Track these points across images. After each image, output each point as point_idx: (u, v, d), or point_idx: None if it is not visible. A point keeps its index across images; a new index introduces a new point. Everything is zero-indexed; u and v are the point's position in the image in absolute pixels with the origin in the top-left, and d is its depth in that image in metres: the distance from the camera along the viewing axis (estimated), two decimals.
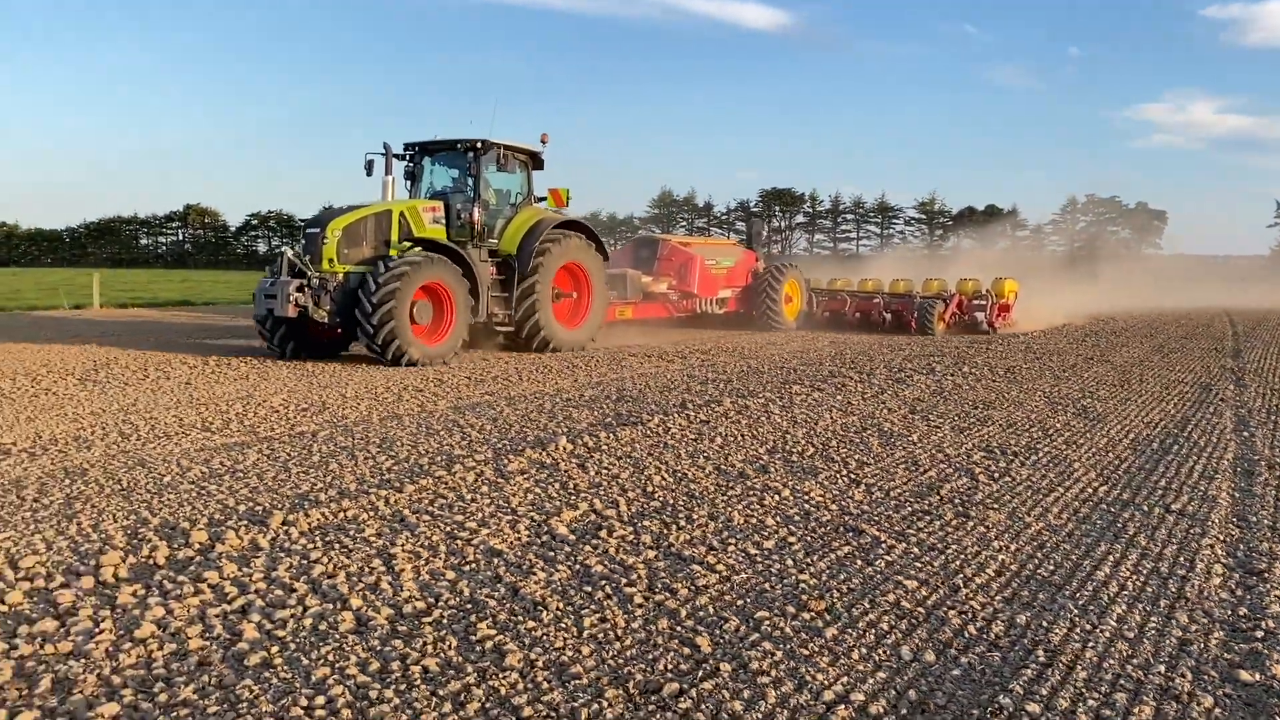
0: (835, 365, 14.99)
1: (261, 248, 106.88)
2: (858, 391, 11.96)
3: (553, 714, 3.51)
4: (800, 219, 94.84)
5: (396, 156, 16.51)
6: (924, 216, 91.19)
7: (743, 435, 8.94)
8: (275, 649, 4.07)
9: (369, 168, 16.30)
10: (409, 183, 16.87)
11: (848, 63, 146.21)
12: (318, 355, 15.32)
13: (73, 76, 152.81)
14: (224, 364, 14.31)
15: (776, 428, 9.35)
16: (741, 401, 10.86)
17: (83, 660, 3.96)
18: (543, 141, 17.03)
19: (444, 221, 15.65)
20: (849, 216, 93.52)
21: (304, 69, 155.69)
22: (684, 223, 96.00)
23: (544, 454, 7.94)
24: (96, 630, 4.26)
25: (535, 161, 17.13)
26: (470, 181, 16.10)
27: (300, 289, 14.02)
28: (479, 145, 15.94)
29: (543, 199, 17.33)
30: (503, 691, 3.68)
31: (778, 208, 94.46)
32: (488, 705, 3.58)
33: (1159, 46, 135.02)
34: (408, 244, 15.02)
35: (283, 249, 14.73)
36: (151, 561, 5.22)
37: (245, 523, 5.92)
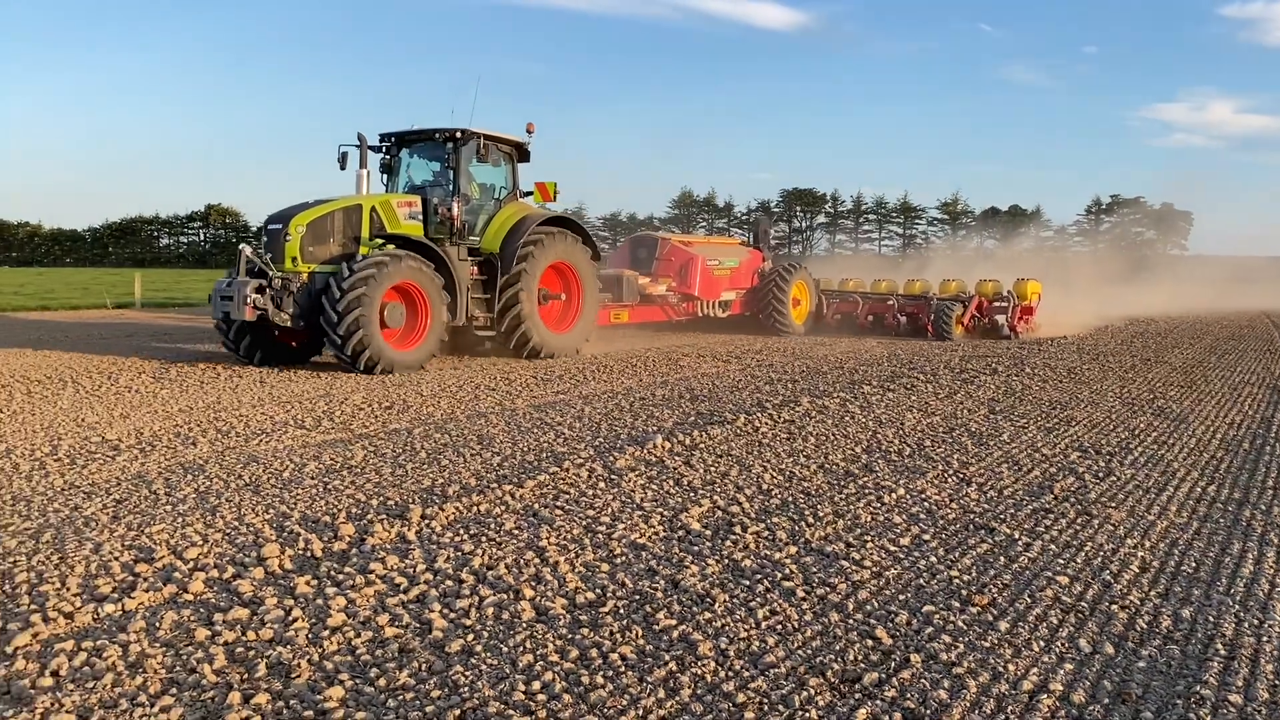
0: (895, 366, 15.07)
1: None
2: (929, 392, 12.04)
3: (765, 700, 3.63)
4: (822, 219, 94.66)
5: (372, 148, 15.31)
6: (946, 217, 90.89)
7: (833, 434, 9.04)
8: (469, 637, 4.20)
9: (343, 160, 15.15)
10: (385, 176, 15.73)
11: (862, 62, 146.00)
12: (283, 362, 14.26)
13: (94, 76, 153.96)
14: (293, 362, 14.47)
15: (864, 427, 9.45)
16: (819, 402, 10.96)
17: (288, 646, 4.10)
18: (528, 131, 15.85)
19: (421, 217, 14.62)
20: (871, 217, 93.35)
21: (325, 68, 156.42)
22: (704, 223, 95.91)
23: (645, 452, 8.06)
24: (289, 618, 4.40)
25: (520, 153, 15.94)
26: (449, 174, 14.98)
27: (259, 290, 12.99)
28: (458, 135, 14.76)
29: (529, 194, 16.13)
30: (709, 679, 3.80)
31: (799, 208, 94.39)
32: (698, 691, 3.70)
33: (1176, 45, 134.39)
34: (380, 241, 13.96)
35: (241, 246, 13.61)
36: (309, 554, 5.37)
37: (384, 516, 6.07)
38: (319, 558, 5.32)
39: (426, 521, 5.98)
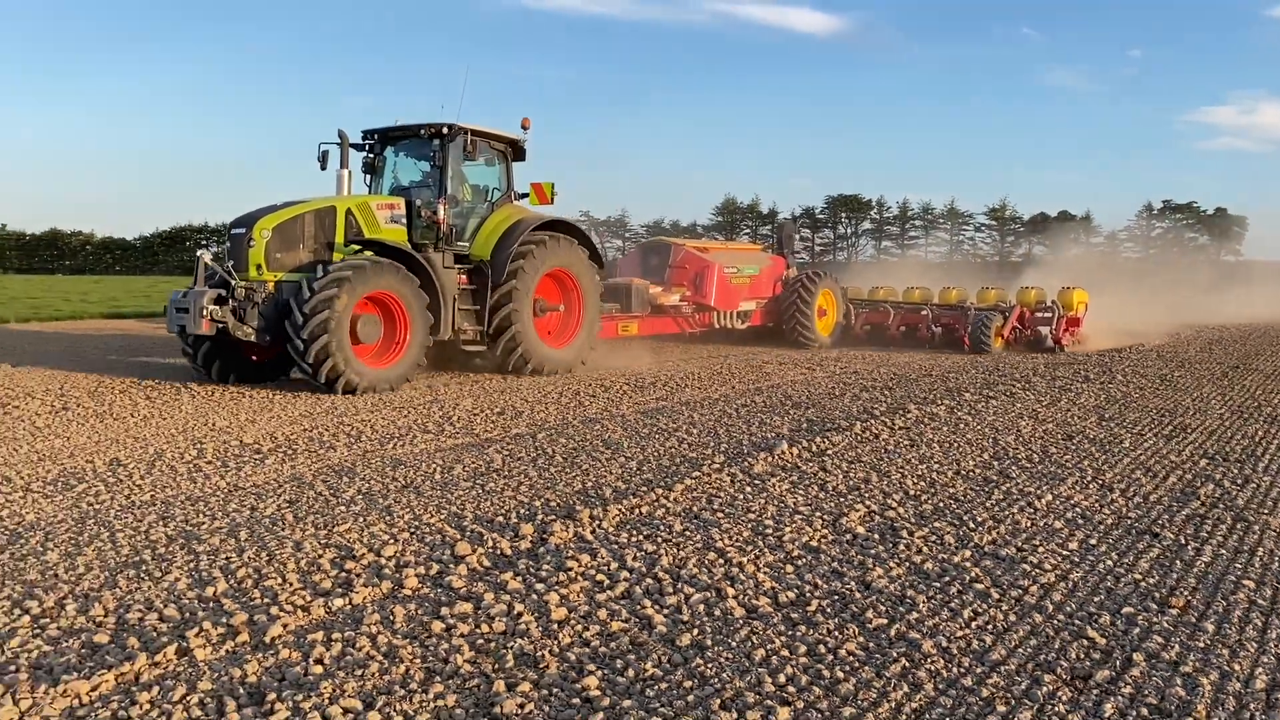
0: (988, 374, 15.10)
1: None
2: (1031, 399, 12.09)
3: (1008, 694, 3.77)
4: (867, 225, 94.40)
5: (354, 146, 14.07)
6: (994, 223, 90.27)
7: (955, 441, 9.14)
8: (694, 632, 4.38)
9: (323, 159, 13.78)
10: (368, 176, 14.52)
11: (902, 67, 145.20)
12: (252, 379, 12.94)
13: (143, 87, 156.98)
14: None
15: (981, 434, 9.54)
16: (926, 409, 11.05)
17: (525, 639, 4.30)
18: (524, 127, 14.55)
19: (404, 221, 13.38)
20: (917, 223, 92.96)
21: (372, 78, 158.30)
22: (748, 230, 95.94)
23: (775, 457, 8.22)
24: (513, 612, 4.60)
25: (516, 151, 14.68)
26: (436, 174, 13.71)
27: (219, 301, 11.77)
28: (445, 131, 13.51)
29: (524, 195, 14.80)
30: (944, 674, 3.95)
31: (844, 214, 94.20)
32: (939, 685, 3.85)
33: (1223, 48, 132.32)
34: (355, 247, 12.69)
35: (199, 253, 12.31)
36: (499, 551, 5.58)
37: (553, 517, 6.28)
38: (509, 556, 5.53)
39: (596, 523, 6.18)
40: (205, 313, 11.60)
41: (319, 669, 3.98)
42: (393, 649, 4.19)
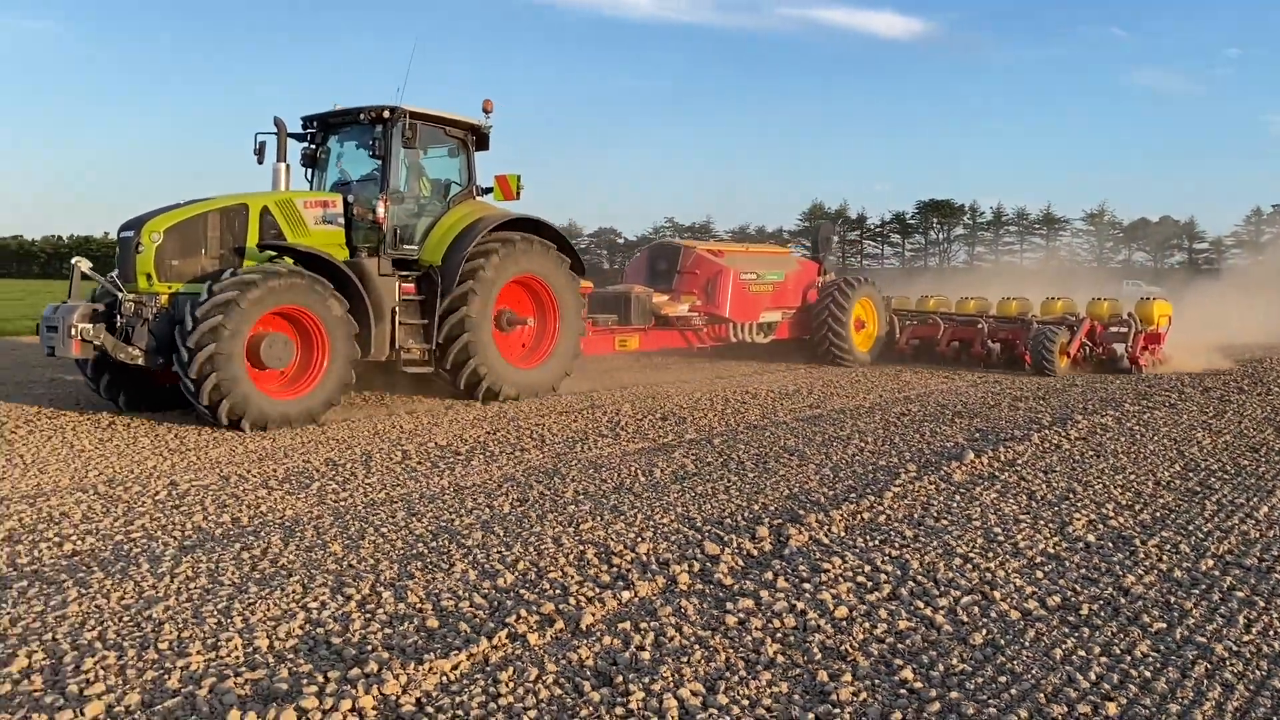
0: (1122, 386, 14.94)
1: None
2: (1195, 410, 11.98)
3: None
4: (960, 231, 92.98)
5: (293, 136, 12.23)
6: (1092, 228, 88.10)
7: (1140, 453, 9.16)
8: (984, 633, 4.59)
9: (259, 152, 12.08)
10: (310, 170, 12.61)
11: (988, 70, 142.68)
12: (162, 406, 10.99)
13: (198, 88, 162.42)
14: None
15: (1163, 446, 9.52)
16: (1095, 419, 11.04)
17: (821, 633, 4.56)
18: (485, 111, 12.62)
19: (342, 221, 11.46)
20: (1011, 228, 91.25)
21: (446, 77, 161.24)
22: (835, 234, 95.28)
23: (967, 465, 8.36)
24: (795, 608, 4.86)
25: (479, 140, 12.69)
26: (379, 166, 11.75)
27: (93, 318, 9.98)
28: (386, 115, 11.51)
29: (488, 190, 12.81)
30: (1251, 676, 4.10)
31: (935, 220, 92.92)
32: (1249, 686, 4.00)
33: None
34: (271, 253, 10.83)
35: (75, 260, 10.64)
36: (745, 552, 5.86)
37: (780, 520, 6.54)
38: (758, 557, 5.80)
39: (824, 528, 6.41)
40: (75, 333, 9.78)
41: (645, 655, 4.29)
42: (700, 639, 4.48)
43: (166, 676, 4.04)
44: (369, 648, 4.36)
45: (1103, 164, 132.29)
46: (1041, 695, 3.91)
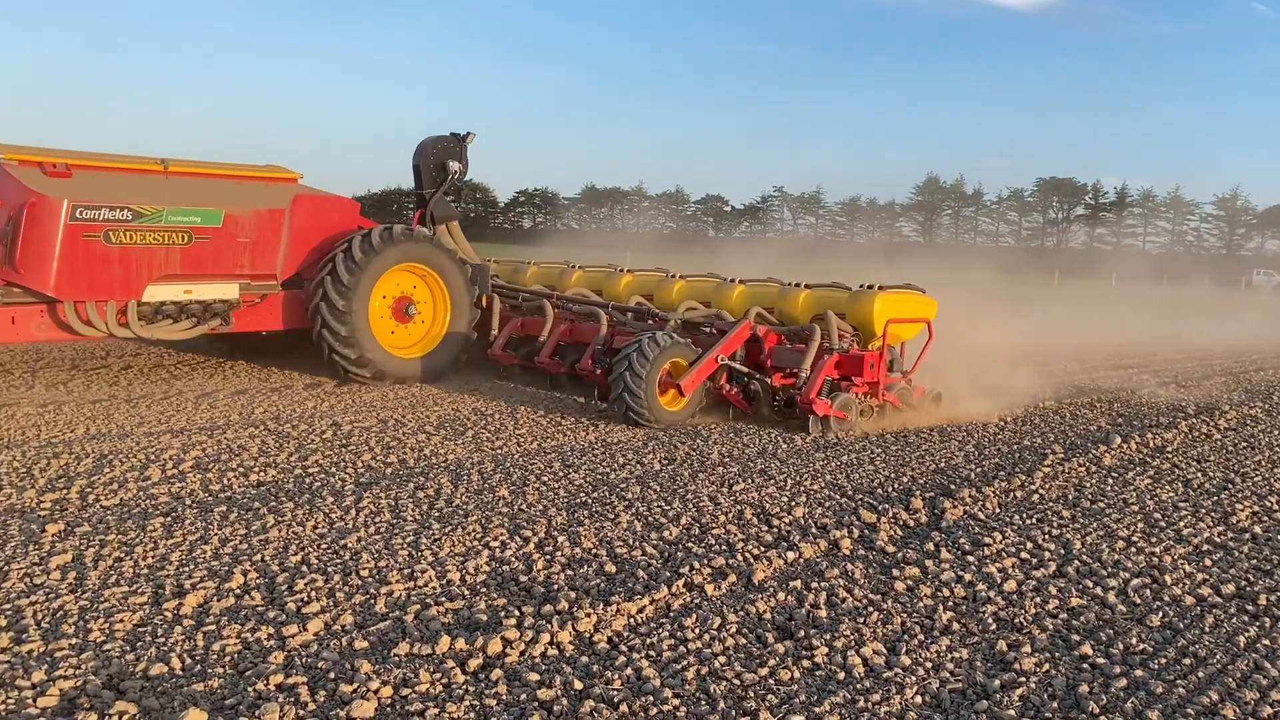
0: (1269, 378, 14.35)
1: (526, 223, 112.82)
2: None
3: None
4: (1080, 211, 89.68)
5: None
6: (1222, 213, 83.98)
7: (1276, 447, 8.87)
8: (1160, 615, 4.57)
9: None
10: None
11: (1117, 44, 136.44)
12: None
13: (364, 51, 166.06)
14: None
15: None
16: (1243, 410, 10.70)
17: (992, 604, 4.60)
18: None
19: None
20: (1136, 210, 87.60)
21: (561, 53, 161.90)
22: (949, 210, 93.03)
23: (1115, 450, 8.21)
24: (964, 579, 4.91)
25: None
26: None
27: None
28: None
29: None
30: None
31: (1055, 199, 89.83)
32: None
33: None
34: None
35: None
36: (901, 522, 5.91)
37: (932, 494, 6.56)
38: (914, 527, 5.86)
39: (979, 503, 6.41)
40: None
41: (822, 613, 4.41)
42: (872, 602, 4.58)
43: (373, 601, 4.33)
44: (555, 587, 4.58)
45: (1238, 146, 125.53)
46: (1230, 680, 3.90)
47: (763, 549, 5.25)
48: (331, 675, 3.59)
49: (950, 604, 4.62)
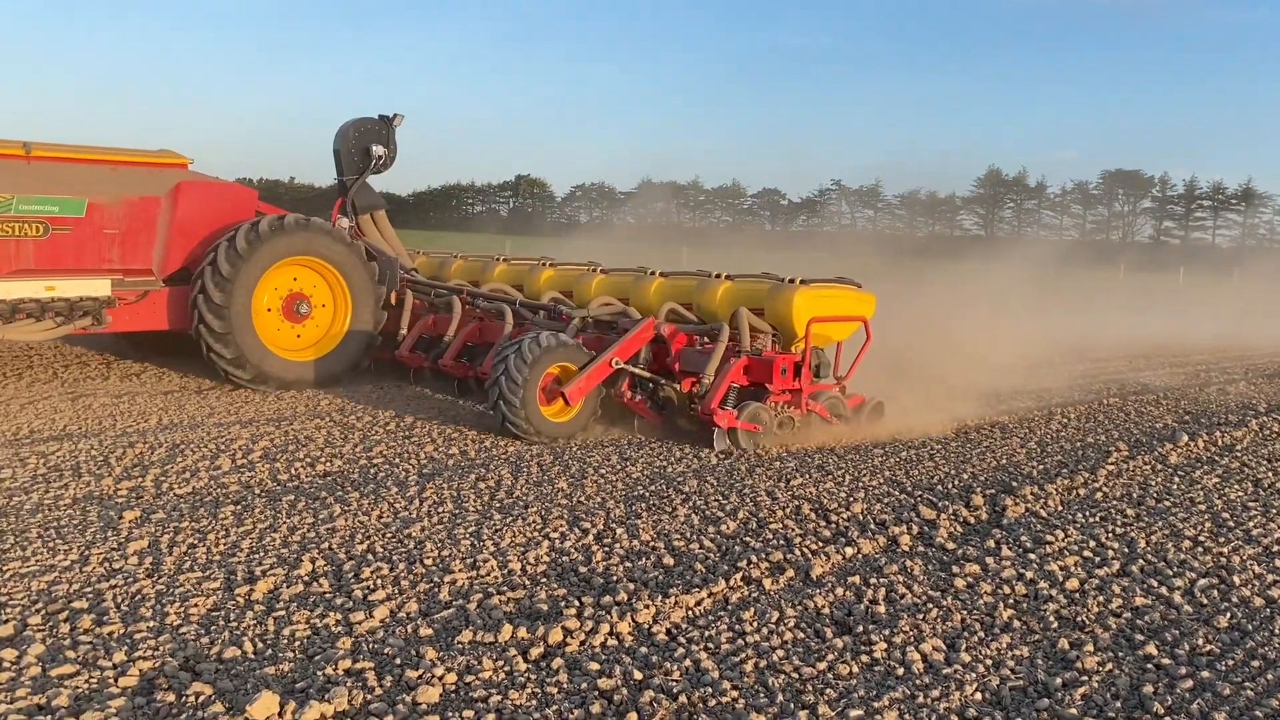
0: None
1: (583, 218, 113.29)
2: None
3: None
4: (1147, 204, 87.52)
5: None
6: None
7: None
8: (1227, 615, 4.49)
9: None
10: None
11: (1186, 32, 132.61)
12: None
13: (424, 49, 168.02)
14: None
15: None
16: (1276, 420, 10.43)
17: (1053, 603, 4.56)
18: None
19: None
20: (1205, 203, 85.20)
21: (614, 47, 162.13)
22: (1011, 204, 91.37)
23: (1182, 448, 8.05)
24: (1024, 577, 4.87)
25: None
26: None
27: None
28: None
29: None
30: None
31: (1120, 191, 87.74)
32: None
33: None
34: None
35: None
36: (963, 519, 5.87)
37: (993, 490, 6.49)
38: (974, 524, 5.81)
39: (1042, 500, 6.34)
40: None
41: (880, 609, 4.40)
42: (931, 599, 4.56)
43: (437, 590, 4.42)
44: (614, 578, 4.64)
45: None
46: None
47: (820, 544, 5.26)
48: (397, 661, 3.69)
49: (1011, 601, 4.58)
